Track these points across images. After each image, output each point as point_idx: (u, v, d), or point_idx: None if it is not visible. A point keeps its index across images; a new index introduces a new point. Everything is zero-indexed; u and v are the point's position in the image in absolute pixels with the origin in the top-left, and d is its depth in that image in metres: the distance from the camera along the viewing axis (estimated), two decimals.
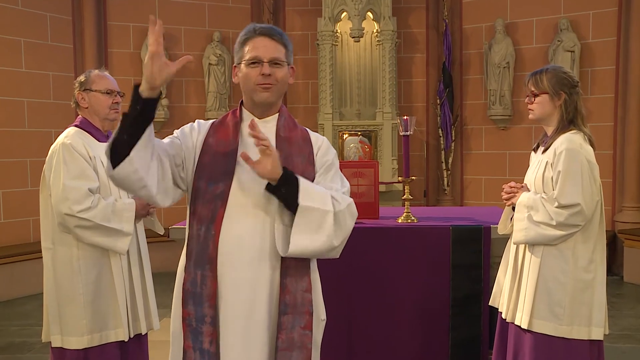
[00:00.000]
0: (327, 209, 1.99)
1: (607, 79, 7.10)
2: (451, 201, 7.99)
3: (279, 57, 2.08)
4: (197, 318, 2.02)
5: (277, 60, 2.08)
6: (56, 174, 2.80)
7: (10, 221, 6.60)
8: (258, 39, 2.09)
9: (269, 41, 2.08)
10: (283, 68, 2.10)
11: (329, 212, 1.99)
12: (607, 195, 6.97)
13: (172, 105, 7.64)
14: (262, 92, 2.08)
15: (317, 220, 1.98)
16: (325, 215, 1.99)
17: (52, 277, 2.88)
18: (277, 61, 2.08)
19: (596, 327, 2.74)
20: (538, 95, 2.80)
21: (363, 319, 3.47)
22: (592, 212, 2.69)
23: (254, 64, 2.07)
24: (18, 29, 6.64)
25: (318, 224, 1.98)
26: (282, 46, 2.11)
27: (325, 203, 2.00)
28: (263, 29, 2.11)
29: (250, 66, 2.07)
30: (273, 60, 2.07)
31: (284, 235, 2.02)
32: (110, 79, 3.00)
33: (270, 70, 2.06)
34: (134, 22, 7.50)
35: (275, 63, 2.07)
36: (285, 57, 2.11)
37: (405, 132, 3.69)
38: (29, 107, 6.75)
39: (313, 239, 1.99)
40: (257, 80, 2.06)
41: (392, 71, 7.49)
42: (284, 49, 2.11)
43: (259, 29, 2.11)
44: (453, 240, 3.42)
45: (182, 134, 2.14)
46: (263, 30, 2.10)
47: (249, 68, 2.07)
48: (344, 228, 2.05)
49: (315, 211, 1.98)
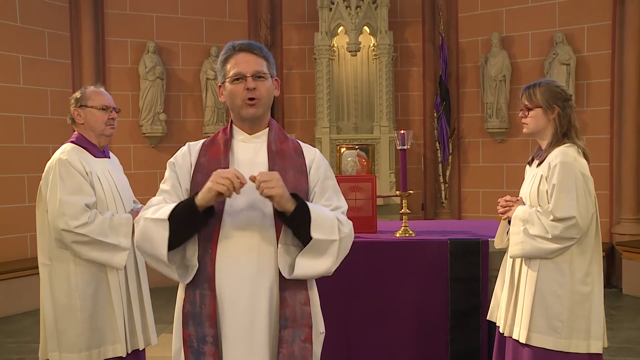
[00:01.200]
0: (334, 238, 2.05)
1: (602, 92, 7.13)
2: (449, 214, 7.99)
3: (262, 70, 2.11)
4: (199, 339, 2.03)
5: (259, 73, 2.10)
6: (53, 189, 2.80)
7: (8, 237, 6.58)
8: (239, 55, 2.11)
9: (250, 56, 2.11)
10: (267, 81, 2.12)
11: (335, 242, 2.05)
12: (605, 207, 6.98)
13: (170, 120, 7.66)
14: (248, 107, 2.10)
15: (324, 249, 2.04)
16: (332, 244, 2.04)
17: (49, 294, 2.88)
18: (260, 74, 2.10)
19: (595, 340, 2.73)
20: (532, 109, 2.82)
21: (362, 332, 3.46)
22: (587, 224, 2.69)
23: (238, 80, 2.09)
24: (16, 45, 6.67)
25: (324, 251, 2.04)
26: (263, 59, 2.13)
27: (332, 232, 2.05)
28: (242, 45, 2.14)
29: (235, 83, 2.10)
30: (256, 73, 2.09)
31: (286, 256, 2.04)
32: (106, 95, 3.01)
33: (254, 84, 2.08)
34: (132, 38, 7.54)
35: (258, 77, 2.10)
36: (267, 70, 2.13)
37: (403, 146, 3.71)
38: (27, 122, 6.76)
39: (318, 264, 2.05)
40: (243, 96, 2.09)
41: (389, 85, 7.52)
42: (265, 61, 2.14)
43: (238, 45, 2.14)
44: (451, 253, 3.42)
45: (177, 165, 2.15)
46: (242, 46, 2.13)
47: (234, 85, 2.10)
48: (344, 252, 2.12)
49: (325, 242, 2.03)
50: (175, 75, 7.76)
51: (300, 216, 2.00)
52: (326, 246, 2.04)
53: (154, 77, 7.43)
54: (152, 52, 7.46)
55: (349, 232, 2.11)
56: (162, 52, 7.61)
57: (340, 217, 2.11)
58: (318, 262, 2.04)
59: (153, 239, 1.99)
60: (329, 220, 2.05)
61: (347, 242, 2.11)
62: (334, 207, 2.15)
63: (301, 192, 2.10)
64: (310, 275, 2.06)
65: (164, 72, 7.52)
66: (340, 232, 2.07)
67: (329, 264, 2.05)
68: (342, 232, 2.07)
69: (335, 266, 2.08)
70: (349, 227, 2.12)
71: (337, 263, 2.09)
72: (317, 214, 2.03)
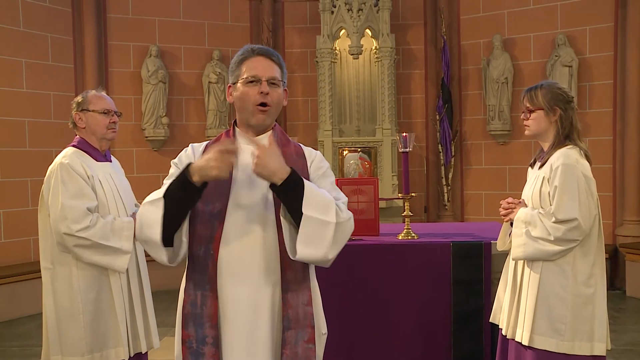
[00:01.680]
0: (329, 220, 1.96)
1: (605, 94, 7.12)
2: (452, 216, 7.98)
3: (277, 77, 2.12)
4: (198, 340, 2.02)
5: (274, 79, 2.11)
6: (54, 193, 2.81)
7: (11, 241, 6.59)
8: (256, 59, 2.12)
9: (267, 61, 2.12)
10: (279, 88, 2.13)
11: (330, 224, 1.96)
12: (608, 209, 6.96)
13: (172, 123, 7.68)
14: (259, 114, 2.10)
15: (318, 230, 1.96)
16: (327, 227, 1.96)
17: (51, 297, 2.88)
18: (274, 81, 2.11)
19: (598, 342, 2.72)
20: (533, 111, 2.82)
21: (364, 335, 3.46)
22: (589, 226, 2.69)
23: (252, 83, 2.09)
24: (19, 50, 6.69)
25: (320, 235, 1.96)
26: (278, 67, 2.15)
27: (327, 212, 1.97)
28: (261, 49, 2.15)
29: (249, 85, 2.09)
30: (271, 79, 2.10)
31: (290, 236, 2.00)
32: (107, 99, 3.02)
33: (268, 89, 2.08)
34: (134, 42, 7.56)
35: (272, 83, 2.10)
36: (281, 78, 2.15)
37: (405, 149, 3.71)
38: (30, 126, 6.78)
39: (316, 248, 1.97)
40: (255, 100, 2.08)
41: (391, 87, 7.52)
42: (280, 69, 2.15)
43: (257, 49, 2.15)
44: (453, 256, 3.42)
45: (181, 164, 2.13)
46: (261, 50, 2.15)
47: (247, 87, 2.10)
48: (341, 241, 2.03)
49: (318, 221, 1.95)
50: (177, 78, 7.77)
51: (291, 187, 1.94)
52: (321, 229, 1.95)
53: (156, 81, 7.45)
54: (154, 56, 7.48)
55: (349, 220, 2.03)
56: (164, 55, 7.63)
57: (340, 204, 2.04)
58: (315, 248, 1.95)
59: (149, 220, 1.97)
60: (325, 198, 1.99)
61: (346, 229, 2.02)
62: (334, 197, 2.09)
63: None
64: (310, 260, 1.99)
65: (166, 76, 7.54)
66: (338, 217, 1.98)
67: (324, 250, 1.96)
68: (340, 216, 1.99)
69: (332, 253, 1.99)
70: (348, 215, 2.04)
71: (334, 250, 2.00)
72: (311, 189, 1.97)
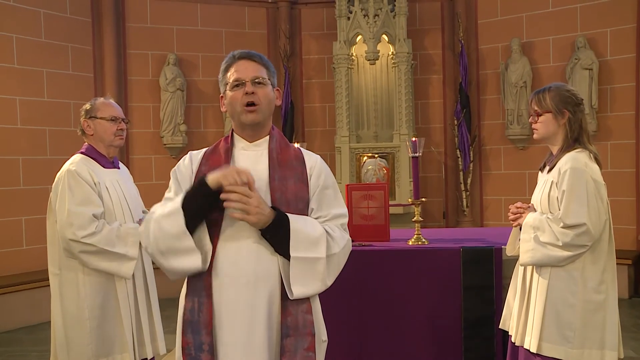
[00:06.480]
0: (319, 256, 2.02)
1: (627, 96, 6.98)
2: (471, 222, 7.89)
3: (261, 76, 2.13)
4: (196, 346, 2.03)
5: (258, 78, 2.12)
6: (61, 200, 2.85)
7: (32, 247, 6.70)
8: (238, 63, 2.15)
9: (249, 62, 2.15)
10: (266, 87, 2.14)
11: (320, 260, 2.02)
12: (631, 214, 6.80)
13: (190, 130, 7.73)
14: (247, 114, 2.11)
15: (310, 269, 2.02)
16: (317, 263, 2.02)
17: (58, 303, 2.92)
18: (259, 80, 2.12)
19: (610, 350, 2.65)
20: (542, 114, 2.77)
21: (374, 341, 3.43)
22: (599, 231, 2.63)
23: (237, 86, 2.12)
24: (41, 60, 6.81)
25: (312, 273, 2.02)
26: (262, 67, 2.16)
27: (316, 249, 2.02)
28: (242, 53, 2.17)
29: (235, 89, 2.12)
30: (254, 79, 2.12)
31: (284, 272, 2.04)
32: (115, 107, 3.05)
33: (253, 88, 2.10)
34: (153, 50, 7.65)
35: (257, 82, 2.11)
36: (267, 76, 2.15)
37: (415, 154, 3.68)
38: (50, 135, 6.89)
39: (309, 286, 2.03)
40: (242, 101, 2.10)
41: (408, 93, 7.49)
42: (265, 69, 2.16)
43: (238, 54, 2.17)
44: (464, 261, 3.38)
45: (179, 173, 2.18)
46: (242, 54, 2.17)
47: (234, 91, 2.12)
48: (336, 269, 2.09)
49: (307, 260, 2.01)
50: (195, 86, 7.84)
51: (277, 232, 2.00)
52: (312, 268, 2.02)
53: (174, 89, 7.52)
54: (172, 64, 7.55)
55: (342, 248, 2.09)
56: (182, 64, 7.70)
57: (334, 231, 2.08)
58: (309, 285, 2.02)
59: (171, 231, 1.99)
60: (313, 236, 2.03)
61: (339, 262, 2.09)
62: (332, 216, 2.13)
63: (301, 200, 2.10)
64: (306, 296, 2.04)
65: (184, 84, 7.61)
66: (329, 249, 2.04)
67: (318, 284, 2.03)
68: (331, 249, 2.05)
69: (328, 281, 2.06)
70: (343, 242, 2.10)
71: (330, 279, 2.07)
72: (298, 230, 2.01)
